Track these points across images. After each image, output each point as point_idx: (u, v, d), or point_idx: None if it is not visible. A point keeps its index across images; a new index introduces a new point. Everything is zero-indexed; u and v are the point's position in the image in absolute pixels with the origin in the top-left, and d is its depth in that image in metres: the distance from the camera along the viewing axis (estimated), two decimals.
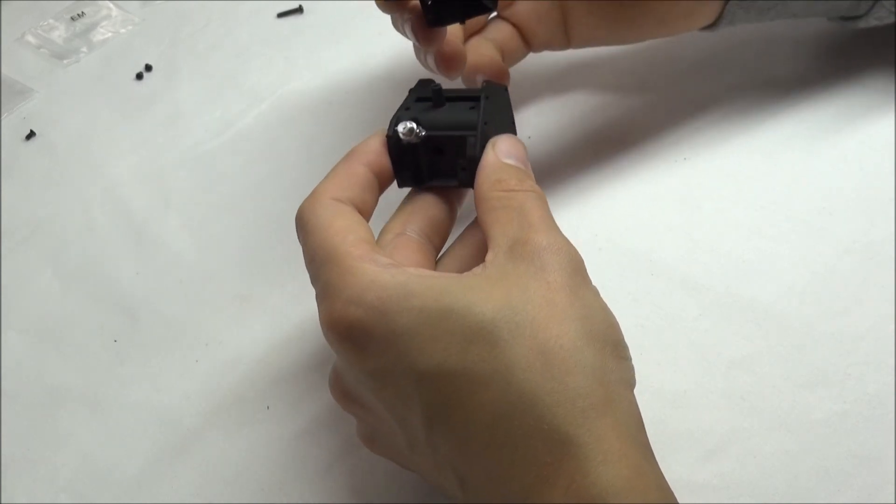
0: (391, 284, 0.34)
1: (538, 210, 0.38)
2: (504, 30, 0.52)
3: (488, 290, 0.34)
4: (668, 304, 0.47)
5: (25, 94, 0.63)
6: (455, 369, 0.33)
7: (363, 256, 0.36)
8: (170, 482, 0.44)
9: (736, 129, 0.55)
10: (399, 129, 0.41)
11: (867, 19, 0.53)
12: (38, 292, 0.52)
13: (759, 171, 0.54)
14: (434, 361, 0.33)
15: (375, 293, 0.34)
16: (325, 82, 0.62)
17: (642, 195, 0.53)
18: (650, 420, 0.38)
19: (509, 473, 0.32)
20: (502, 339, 0.33)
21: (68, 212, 0.56)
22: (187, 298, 0.51)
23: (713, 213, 0.52)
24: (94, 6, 0.68)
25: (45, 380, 0.48)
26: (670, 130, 0.56)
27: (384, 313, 0.34)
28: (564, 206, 0.53)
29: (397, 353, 0.34)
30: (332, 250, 0.36)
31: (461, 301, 0.34)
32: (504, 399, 0.32)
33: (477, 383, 0.33)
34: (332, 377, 0.39)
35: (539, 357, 0.33)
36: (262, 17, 0.67)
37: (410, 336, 0.34)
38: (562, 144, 0.56)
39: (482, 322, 0.33)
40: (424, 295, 0.34)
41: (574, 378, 0.33)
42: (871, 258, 0.49)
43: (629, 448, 0.33)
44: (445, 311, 0.34)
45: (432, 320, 0.34)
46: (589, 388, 0.33)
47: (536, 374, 0.33)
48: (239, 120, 0.60)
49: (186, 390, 0.47)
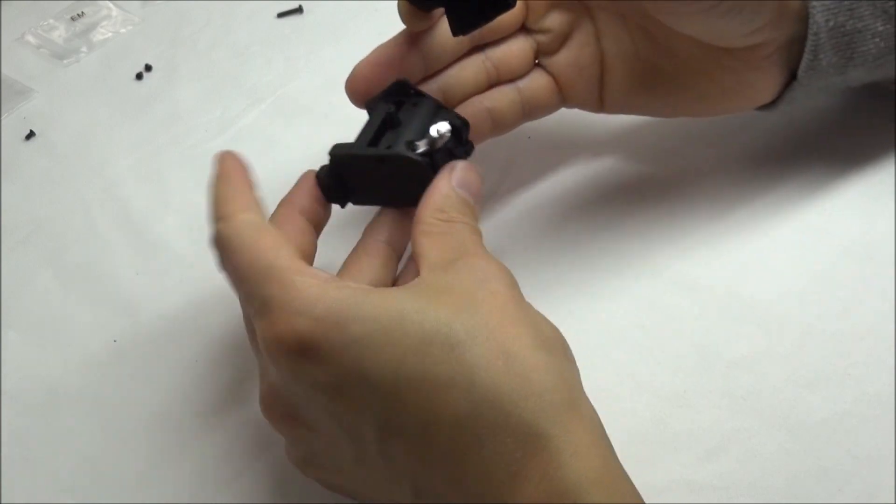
0: (338, 297, 0.34)
1: (474, 242, 0.38)
2: (541, 81, 0.49)
3: (437, 298, 0.34)
4: (668, 304, 0.47)
5: (25, 94, 0.63)
6: (413, 374, 0.33)
7: (303, 271, 0.35)
8: (170, 482, 0.44)
9: (736, 129, 0.55)
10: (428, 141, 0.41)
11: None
12: (38, 292, 0.52)
13: (759, 171, 0.54)
14: (390, 367, 0.33)
15: (324, 305, 0.34)
16: (325, 82, 0.62)
17: (643, 195, 0.53)
18: (650, 420, 0.38)
19: (475, 474, 0.32)
20: (461, 341, 0.33)
21: (68, 212, 0.56)
22: (187, 298, 0.51)
23: (713, 213, 0.52)
24: (94, 6, 0.68)
25: (45, 380, 0.48)
26: (670, 130, 0.56)
27: (335, 324, 0.33)
28: (564, 206, 0.53)
29: (351, 362, 0.33)
30: (267, 266, 0.36)
31: (413, 306, 0.34)
32: (467, 398, 0.32)
33: (437, 386, 0.33)
34: (266, 398, 0.38)
35: (500, 356, 0.33)
36: (262, 17, 0.67)
37: (364, 345, 0.33)
38: (562, 145, 0.56)
39: (437, 325, 0.33)
40: (374, 304, 0.34)
41: (538, 374, 0.33)
42: (871, 258, 0.49)
43: (597, 440, 0.33)
44: (398, 317, 0.33)
45: (386, 327, 0.33)
46: (554, 384, 0.33)
47: (500, 373, 0.33)
48: (239, 120, 0.60)
49: (186, 390, 0.47)
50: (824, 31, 0.47)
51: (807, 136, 0.55)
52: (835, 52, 0.47)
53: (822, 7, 0.46)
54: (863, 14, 0.47)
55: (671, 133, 0.56)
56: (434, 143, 0.41)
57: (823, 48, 0.47)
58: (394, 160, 0.41)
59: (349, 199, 0.45)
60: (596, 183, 0.54)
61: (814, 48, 0.47)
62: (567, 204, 0.53)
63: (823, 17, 0.46)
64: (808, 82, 0.48)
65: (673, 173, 0.54)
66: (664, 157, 0.55)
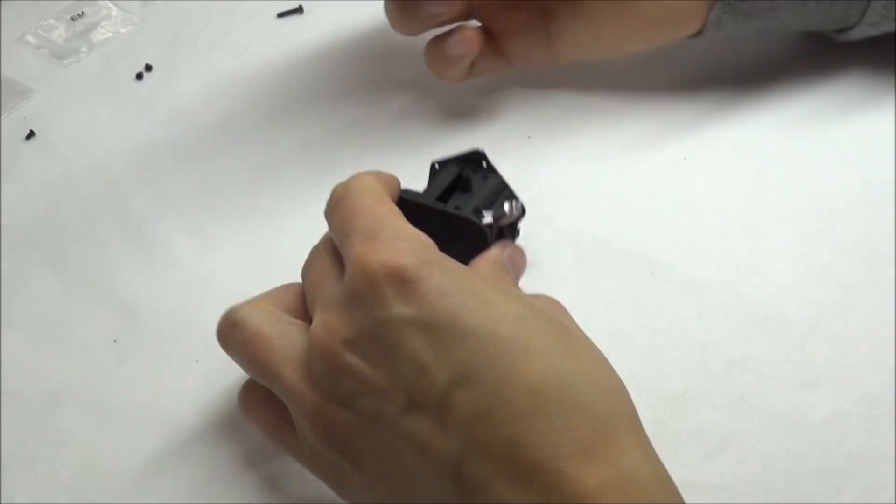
0: (448, 257, 0.37)
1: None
2: (470, 35, 0.53)
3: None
4: (668, 304, 0.47)
5: (25, 94, 0.63)
6: (508, 335, 0.34)
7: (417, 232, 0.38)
8: (170, 482, 0.44)
9: (736, 130, 0.55)
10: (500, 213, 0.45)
11: (860, 28, 0.53)
12: (38, 292, 0.52)
13: (759, 170, 0.54)
14: (487, 323, 0.34)
15: (434, 253, 0.36)
16: (324, 82, 0.62)
17: (643, 195, 0.53)
18: (650, 420, 0.38)
19: (545, 441, 0.32)
20: (560, 322, 0.36)
21: (68, 212, 0.56)
22: (187, 298, 0.51)
23: (713, 213, 0.52)
24: (94, 6, 0.68)
25: (45, 380, 0.48)
26: (670, 131, 0.56)
27: (441, 270, 0.35)
28: (564, 207, 0.53)
29: (447, 306, 0.34)
30: (388, 211, 0.39)
31: (515, 290, 0.38)
32: (553, 372, 0.33)
33: (528, 351, 0.34)
34: (331, 325, 0.36)
35: (591, 351, 0.36)
36: (262, 17, 0.67)
37: (465, 298, 0.35)
38: (561, 145, 0.56)
39: (537, 308, 0.36)
40: (482, 276, 0.38)
41: (616, 382, 0.36)
42: (871, 258, 0.49)
43: (652, 450, 0.35)
44: (503, 291, 0.36)
45: (490, 293, 0.35)
46: (625, 395, 0.35)
47: (589, 363, 0.35)
48: (239, 120, 0.60)
49: (186, 390, 0.47)
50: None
51: (807, 136, 0.55)
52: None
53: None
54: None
55: (671, 132, 0.56)
56: (500, 217, 0.45)
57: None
58: (461, 221, 0.45)
59: None
60: (595, 178, 0.54)
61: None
62: (567, 204, 0.53)
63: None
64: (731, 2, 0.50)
65: (673, 173, 0.54)
66: (665, 156, 0.55)
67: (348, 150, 0.58)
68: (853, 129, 0.55)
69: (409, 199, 0.45)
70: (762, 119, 0.55)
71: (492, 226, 0.45)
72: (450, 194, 0.46)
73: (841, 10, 0.52)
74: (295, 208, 0.55)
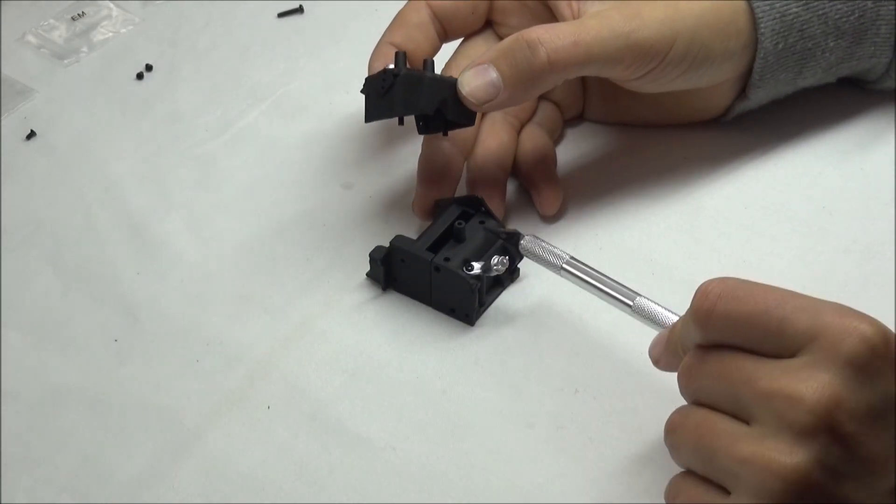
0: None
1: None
2: (549, 110, 0.55)
3: None
4: (669, 304, 0.47)
5: (25, 94, 0.63)
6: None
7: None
8: (170, 482, 0.44)
9: (735, 129, 0.55)
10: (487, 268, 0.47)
11: (884, 80, 0.54)
12: (39, 292, 0.52)
13: (759, 170, 0.54)
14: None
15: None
16: (325, 82, 0.62)
17: (643, 195, 0.53)
18: (652, 420, 0.38)
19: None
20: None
21: (68, 212, 0.56)
22: (187, 298, 0.51)
23: (713, 213, 0.52)
24: (94, 6, 0.68)
25: (46, 379, 0.48)
26: (670, 131, 0.56)
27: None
28: (565, 206, 0.53)
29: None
30: (802, 296, 0.37)
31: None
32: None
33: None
34: (835, 396, 0.34)
35: None
36: (262, 17, 0.67)
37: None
38: (562, 146, 0.57)
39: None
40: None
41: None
42: (871, 258, 0.49)
43: None
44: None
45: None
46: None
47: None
48: (239, 120, 0.60)
49: (186, 390, 0.47)
50: (772, 54, 0.50)
51: (807, 136, 0.55)
52: (784, 70, 0.51)
53: (770, 31, 0.48)
54: (814, 33, 0.49)
55: (671, 132, 0.56)
56: (488, 269, 0.46)
57: (771, 68, 0.50)
58: (447, 274, 0.46)
59: (392, 285, 0.50)
60: (596, 184, 0.54)
61: (761, 70, 0.50)
62: (568, 204, 0.53)
63: (772, 41, 0.49)
64: (757, 97, 0.52)
65: (673, 173, 0.54)
66: (665, 156, 0.55)
67: (349, 149, 0.58)
68: (853, 129, 0.55)
69: (400, 247, 0.47)
70: (762, 119, 0.55)
71: (480, 277, 0.46)
72: (444, 242, 0.47)
73: (864, 72, 0.54)
74: (294, 207, 0.55)
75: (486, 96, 0.46)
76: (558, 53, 0.45)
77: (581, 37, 0.46)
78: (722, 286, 0.37)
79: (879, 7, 0.50)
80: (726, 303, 0.37)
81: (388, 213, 0.53)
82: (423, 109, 0.47)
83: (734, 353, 0.36)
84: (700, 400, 0.37)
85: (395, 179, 0.55)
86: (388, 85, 0.47)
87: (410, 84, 0.47)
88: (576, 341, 0.47)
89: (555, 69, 0.46)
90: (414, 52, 0.50)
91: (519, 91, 0.46)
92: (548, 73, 0.46)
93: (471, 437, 0.44)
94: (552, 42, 0.45)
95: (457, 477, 0.43)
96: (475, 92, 0.46)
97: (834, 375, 0.34)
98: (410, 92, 0.47)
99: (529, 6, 0.52)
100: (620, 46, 0.46)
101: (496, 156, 0.52)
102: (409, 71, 0.47)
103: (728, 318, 0.36)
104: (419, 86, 0.47)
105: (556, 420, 0.44)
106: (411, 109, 0.47)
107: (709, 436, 0.36)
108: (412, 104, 0.47)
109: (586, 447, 0.44)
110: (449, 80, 0.47)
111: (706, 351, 0.37)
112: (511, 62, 0.46)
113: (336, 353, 0.48)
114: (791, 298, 0.36)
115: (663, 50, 0.47)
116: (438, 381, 0.46)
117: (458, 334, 0.48)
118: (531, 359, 0.47)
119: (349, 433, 0.45)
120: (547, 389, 0.46)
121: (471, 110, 0.47)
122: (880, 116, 0.55)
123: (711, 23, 0.48)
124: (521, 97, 0.47)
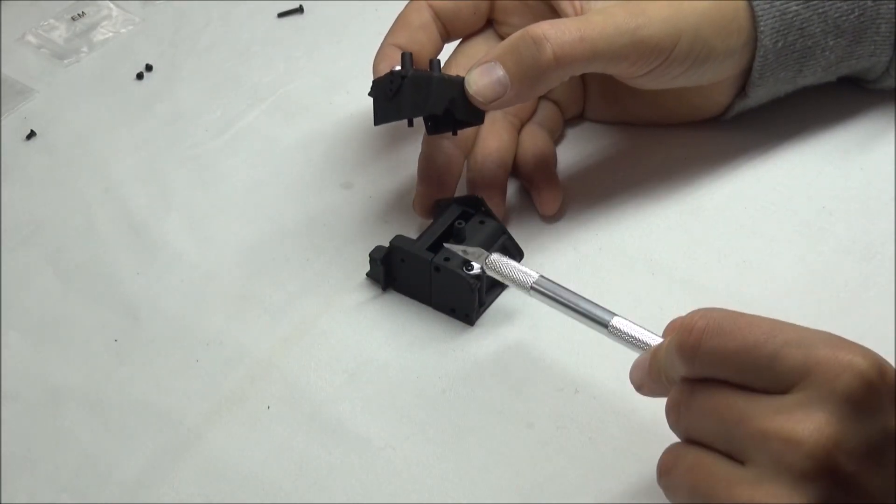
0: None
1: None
2: (550, 109, 0.55)
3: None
4: (668, 304, 0.47)
5: (26, 94, 0.63)
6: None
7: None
8: (170, 482, 0.44)
9: (736, 129, 0.55)
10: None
11: (884, 79, 0.54)
12: (39, 292, 0.52)
13: (759, 170, 0.54)
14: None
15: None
16: (325, 82, 0.62)
17: (643, 195, 0.53)
18: (650, 419, 0.38)
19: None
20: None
21: (68, 212, 0.56)
22: (187, 298, 0.51)
23: (713, 213, 0.52)
24: (94, 6, 0.68)
25: (46, 380, 0.48)
26: (670, 131, 0.56)
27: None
28: (565, 206, 0.53)
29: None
30: (797, 327, 0.36)
31: None
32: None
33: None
34: (830, 436, 0.33)
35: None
36: (262, 17, 0.67)
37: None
38: (561, 146, 0.57)
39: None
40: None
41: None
42: (871, 258, 0.49)
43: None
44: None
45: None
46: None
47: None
48: (239, 120, 0.60)
49: (186, 390, 0.47)
50: (772, 52, 0.50)
51: (807, 136, 0.55)
52: (783, 68, 0.51)
53: (769, 30, 0.49)
54: (814, 32, 0.49)
55: (670, 132, 0.56)
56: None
57: (771, 66, 0.50)
58: (447, 274, 0.46)
59: (392, 284, 0.50)
60: (596, 183, 0.54)
61: (761, 68, 0.50)
62: (568, 204, 0.53)
63: (771, 39, 0.49)
64: (756, 95, 0.52)
65: (673, 173, 0.54)
66: (665, 156, 0.55)
67: (349, 149, 0.58)
68: (853, 129, 0.55)
69: (400, 246, 0.47)
70: (762, 119, 0.55)
71: (480, 277, 0.46)
72: (444, 241, 0.47)
73: (863, 71, 0.54)
74: (294, 207, 0.55)
75: (493, 95, 0.46)
76: (564, 49, 0.45)
77: (587, 33, 0.46)
78: (706, 319, 0.35)
79: (879, 6, 0.50)
80: (712, 338, 0.35)
81: (388, 213, 0.53)
82: (432, 110, 0.47)
83: (724, 388, 0.35)
84: (692, 437, 0.36)
85: (395, 179, 0.55)
86: (396, 87, 0.47)
87: (419, 85, 0.47)
88: (576, 341, 0.47)
89: (561, 65, 0.46)
90: (418, 53, 0.50)
91: (525, 88, 0.46)
92: (553, 69, 0.46)
93: (471, 437, 0.44)
94: (558, 38, 0.45)
95: (457, 477, 0.43)
96: (482, 91, 0.46)
97: (831, 414, 0.33)
98: (419, 93, 0.47)
99: (531, 5, 0.52)
100: (626, 43, 0.46)
101: (496, 155, 0.52)
102: (417, 72, 0.47)
103: (715, 353, 0.35)
104: (428, 86, 0.46)
105: (556, 420, 0.44)
106: (421, 110, 0.47)
107: (705, 480, 0.34)
108: (421, 105, 0.47)
109: (586, 447, 0.43)
110: (457, 79, 0.47)
111: (694, 385, 0.36)
112: (517, 59, 0.46)
113: (336, 353, 0.48)
114: (780, 331, 0.35)
115: (668, 47, 0.47)
116: (438, 381, 0.46)
117: (458, 334, 0.48)
118: (531, 359, 0.47)
119: (349, 433, 0.45)
120: (547, 389, 0.46)
121: (480, 109, 0.47)
122: (880, 116, 0.55)
123: (714, 20, 0.48)
124: (527, 94, 0.47)
